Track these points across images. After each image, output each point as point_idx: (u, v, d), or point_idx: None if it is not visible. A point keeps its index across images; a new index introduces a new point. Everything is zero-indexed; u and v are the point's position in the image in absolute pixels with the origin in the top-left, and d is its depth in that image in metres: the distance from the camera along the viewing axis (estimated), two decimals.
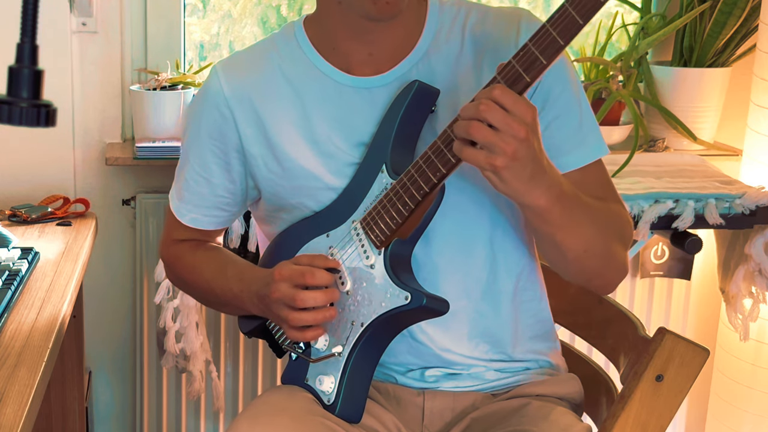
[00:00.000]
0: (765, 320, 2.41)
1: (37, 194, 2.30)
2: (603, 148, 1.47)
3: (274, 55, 1.50)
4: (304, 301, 1.36)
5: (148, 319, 2.40)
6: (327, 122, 1.46)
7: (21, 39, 0.91)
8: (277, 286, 1.39)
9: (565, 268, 1.45)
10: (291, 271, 1.38)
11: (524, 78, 1.24)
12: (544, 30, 1.23)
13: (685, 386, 1.43)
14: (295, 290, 1.37)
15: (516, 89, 1.25)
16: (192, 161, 1.54)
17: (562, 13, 1.21)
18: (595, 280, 1.47)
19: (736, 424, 2.51)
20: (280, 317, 1.40)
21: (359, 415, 1.43)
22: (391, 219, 1.38)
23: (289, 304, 1.38)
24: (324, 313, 1.38)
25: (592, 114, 1.48)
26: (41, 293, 1.66)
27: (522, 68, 1.24)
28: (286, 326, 1.40)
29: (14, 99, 0.91)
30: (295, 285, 1.38)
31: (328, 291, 1.38)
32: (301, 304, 1.37)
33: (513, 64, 1.25)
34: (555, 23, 1.22)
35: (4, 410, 1.23)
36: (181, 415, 2.46)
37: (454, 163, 1.31)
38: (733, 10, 2.40)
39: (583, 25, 1.20)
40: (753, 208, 2.20)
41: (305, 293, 1.37)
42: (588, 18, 1.20)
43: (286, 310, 1.38)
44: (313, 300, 1.37)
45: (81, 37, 2.33)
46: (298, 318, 1.38)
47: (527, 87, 1.25)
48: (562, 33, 1.21)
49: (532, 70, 1.24)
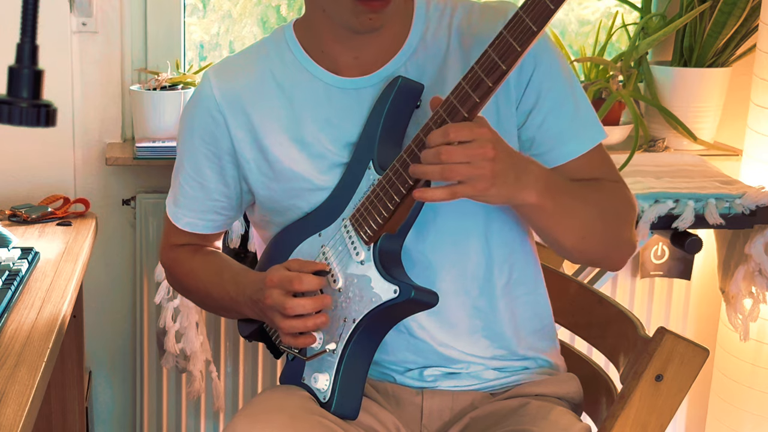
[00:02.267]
0: (765, 320, 2.41)
1: (37, 194, 2.31)
2: (600, 132, 1.49)
3: (264, 58, 1.51)
4: (294, 309, 1.37)
5: (148, 319, 2.40)
6: (316, 124, 1.47)
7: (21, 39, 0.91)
8: (269, 293, 1.40)
9: (570, 255, 1.48)
10: (281, 278, 1.39)
11: (500, 66, 1.25)
12: (517, 17, 1.24)
13: (684, 386, 1.43)
14: (285, 298, 1.38)
15: (492, 78, 1.25)
16: (186, 166, 1.56)
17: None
18: (602, 262, 1.53)
19: (736, 424, 2.52)
20: (274, 323, 1.42)
21: (355, 412, 1.43)
22: (378, 214, 1.38)
23: (281, 312, 1.39)
24: (314, 320, 1.38)
25: (587, 100, 1.49)
26: (41, 293, 1.67)
27: (498, 57, 1.25)
28: (281, 332, 1.42)
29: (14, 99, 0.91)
30: (286, 291, 1.39)
31: (318, 298, 1.39)
32: (290, 312, 1.38)
33: (489, 53, 1.26)
34: (528, 9, 1.22)
35: (4, 410, 1.23)
36: (181, 415, 2.46)
37: None
38: (733, 10, 2.41)
39: (554, 10, 1.21)
40: (753, 208, 2.20)
41: (294, 301, 1.38)
42: (559, 3, 1.21)
43: (278, 317, 1.40)
44: (302, 308, 1.37)
45: (81, 37, 2.34)
46: (290, 325, 1.39)
47: (504, 75, 1.25)
48: (535, 18, 1.22)
49: (507, 58, 1.24)
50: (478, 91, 1.26)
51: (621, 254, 1.50)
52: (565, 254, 1.48)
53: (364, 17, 1.37)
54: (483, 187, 1.28)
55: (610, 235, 1.45)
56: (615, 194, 1.47)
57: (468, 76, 1.27)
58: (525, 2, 1.23)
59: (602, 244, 1.46)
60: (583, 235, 1.42)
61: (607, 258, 1.50)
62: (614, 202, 1.47)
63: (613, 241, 1.47)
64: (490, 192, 1.29)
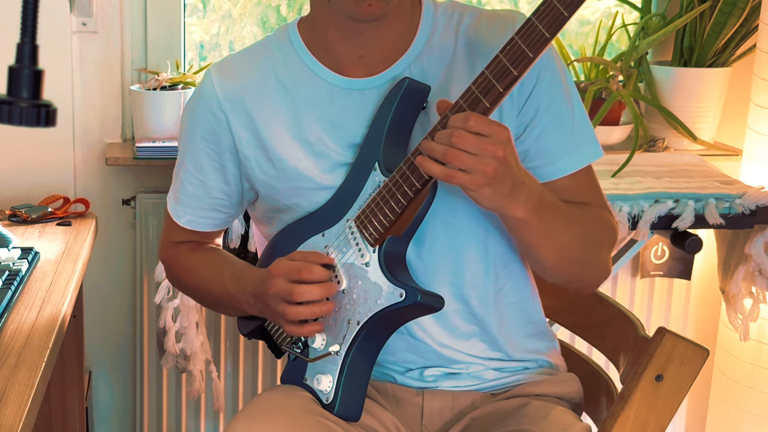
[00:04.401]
0: (765, 320, 2.42)
1: (37, 194, 2.31)
2: (597, 151, 1.48)
3: (267, 57, 1.51)
4: (301, 295, 1.37)
5: (148, 319, 2.40)
6: (319, 123, 1.46)
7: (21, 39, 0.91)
8: (274, 281, 1.39)
9: (544, 273, 1.48)
10: (288, 267, 1.39)
11: (512, 72, 1.25)
12: (530, 23, 1.23)
13: (684, 386, 1.43)
14: (291, 284, 1.38)
15: (503, 84, 1.25)
16: (188, 164, 1.56)
17: (548, 5, 1.21)
18: (575, 284, 1.51)
19: (736, 424, 2.52)
20: (277, 312, 1.40)
21: (358, 413, 1.43)
22: (384, 216, 1.38)
23: (286, 299, 1.38)
24: (321, 306, 1.38)
25: (586, 118, 1.48)
26: (41, 293, 1.66)
27: (510, 62, 1.25)
28: (284, 321, 1.41)
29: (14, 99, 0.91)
30: (292, 280, 1.38)
31: (325, 285, 1.39)
32: (298, 298, 1.37)
33: (500, 59, 1.26)
34: (540, 16, 1.22)
35: (4, 410, 1.23)
36: (181, 414, 2.47)
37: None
38: (733, 10, 2.41)
39: (568, 17, 1.21)
40: (753, 207, 2.21)
41: (302, 287, 1.37)
42: (573, 10, 1.20)
43: (282, 305, 1.39)
44: (310, 293, 1.37)
45: (81, 37, 2.34)
46: (296, 312, 1.38)
47: (515, 81, 1.25)
48: (548, 25, 1.22)
49: (519, 64, 1.24)
50: (488, 96, 1.26)
51: (594, 278, 1.50)
52: (543, 272, 1.48)
53: (364, 4, 1.36)
54: (480, 182, 1.27)
55: (588, 259, 1.46)
56: (599, 221, 1.48)
57: (478, 81, 1.27)
58: (538, 8, 1.22)
59: (579, 267, 1.46)
60: (563, 256, 1.42)
61: (580, 280, 1.50)
62: (597, 229, 1.47)
63: (590, 265, 1.47)
64: (483, 191, 1.28)
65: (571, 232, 1.41)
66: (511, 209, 1.32)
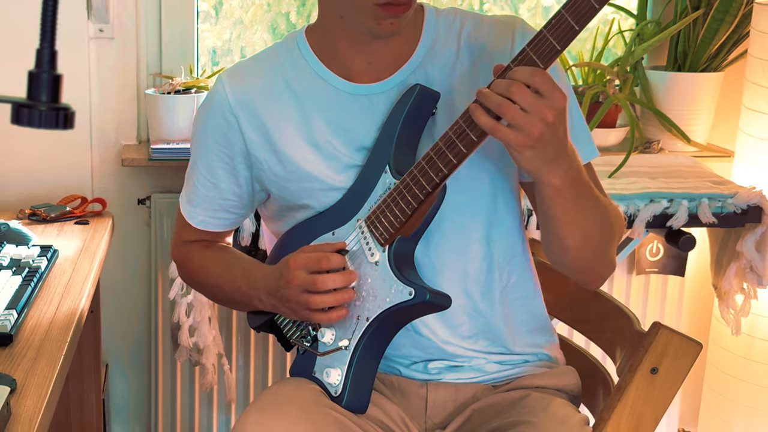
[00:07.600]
0: (756, 315, 2.41)
1: (55, 194, 2.31)
2: (592, 151, 1.49)
3: (276, 63, 1.51)
4: (325, 284, 1.38)
5: (162, 315, 2.39)
6: (328, 127, 1.47)
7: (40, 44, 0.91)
8: (294, 274, 1.40)
9: (564, 255, 1.44)
10: (306, 259, 1.40)
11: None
12: (541, 36, 1.25)
13: (678, 379, 1.44)
14: (313, 275, 1.39)
15: None
16: (200, 166, 1.56)
17: (559, 19, 1.24)
18: (588, 273, 1.49)
19: (728, 415, 2.52)
20: (300, 303, 1.41)
21: (365, 406, 1.46)
22: (394, 217, 1.39)
23: (309, 289, 1.39)
24: (344, 294, 1.39)
25: (582, 120, 1.49)
26: (60, 289, 1.68)
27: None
28: (308, 312, 1.41)
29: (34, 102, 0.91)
30: (312, 271, 1.40)
31: (345, 273, 1.40)
32: (322, 287, 1.38)
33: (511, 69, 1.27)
34: (552, 29, 1.24)
35: (24, 401, 1.25)
36: (194, 406, 2.47)
37: (455, 163, 1.33)
38: (726, 17, 2.40)
39: (578, 30, 1.23)
40: (744, 207, 2.21)
41: (325, 276, 1.39)
42: (584, 24, 1.22)
43: (305, 295, 1.39)
44: (333, 282, 1.39)
45: (98, 42, 2.34)
46: (321, 300, 1.39)
47: None
48: (559, 38, 1.24)
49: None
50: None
51: (605, 269, 1.48)
52: (563, 253, 1.43)
53: (386, 22, 1.37)
54: (523, 142, 1.25)
55: (603, 245, 1.44)
56: (617, 212, 1.48)
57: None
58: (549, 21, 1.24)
59: (596, 253, 1.44)
60: (587, 236, 1.39)
61: (594, 270, 1.47)
62: (617, 218, 1.47)
63: (604, 253, 1.45)
64: (525, 152, 1.26)
65: (596, 215, 1.39)
66: (549, 176, 1.30)
